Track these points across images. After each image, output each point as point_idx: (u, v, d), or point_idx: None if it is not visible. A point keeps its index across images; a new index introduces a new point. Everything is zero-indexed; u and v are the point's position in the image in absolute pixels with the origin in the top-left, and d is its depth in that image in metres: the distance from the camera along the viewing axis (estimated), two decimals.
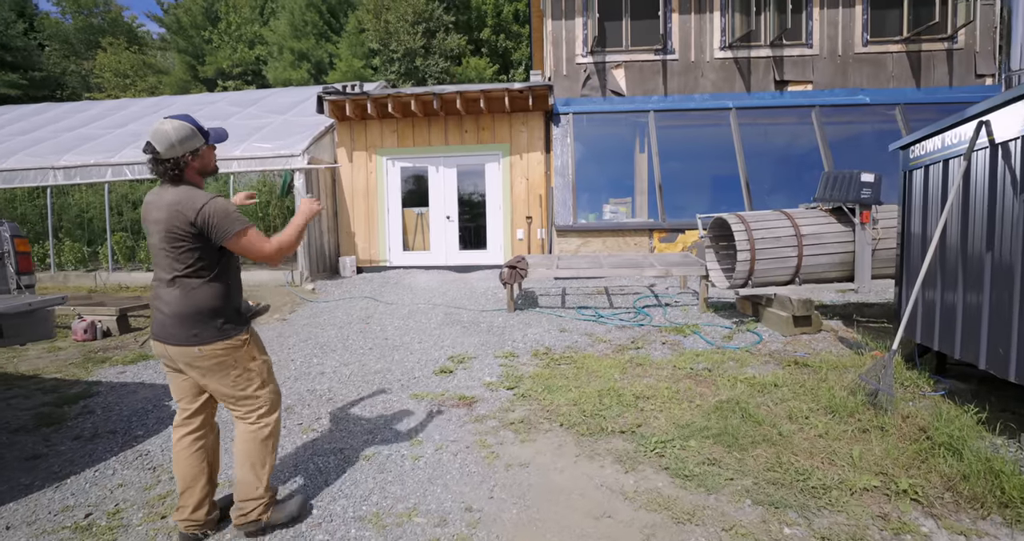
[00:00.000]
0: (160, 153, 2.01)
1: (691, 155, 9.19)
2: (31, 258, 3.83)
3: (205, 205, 1.98)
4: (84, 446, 3.16)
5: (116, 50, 26.97)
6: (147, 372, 4.62)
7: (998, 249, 3.05)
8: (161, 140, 2.00)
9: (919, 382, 3.67)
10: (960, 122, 3.37)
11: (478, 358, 4.59)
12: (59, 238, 9.78)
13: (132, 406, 3.79)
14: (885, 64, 9.02)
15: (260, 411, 2.20)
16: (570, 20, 9.16)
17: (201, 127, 2.11)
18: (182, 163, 2.03)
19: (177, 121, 2.04)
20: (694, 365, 4.28)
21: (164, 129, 2.00)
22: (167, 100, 13.74)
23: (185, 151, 2.04)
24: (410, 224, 9.75)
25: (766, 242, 5.37)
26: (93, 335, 5.79)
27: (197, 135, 2.07)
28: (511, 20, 24.73)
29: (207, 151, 2.15)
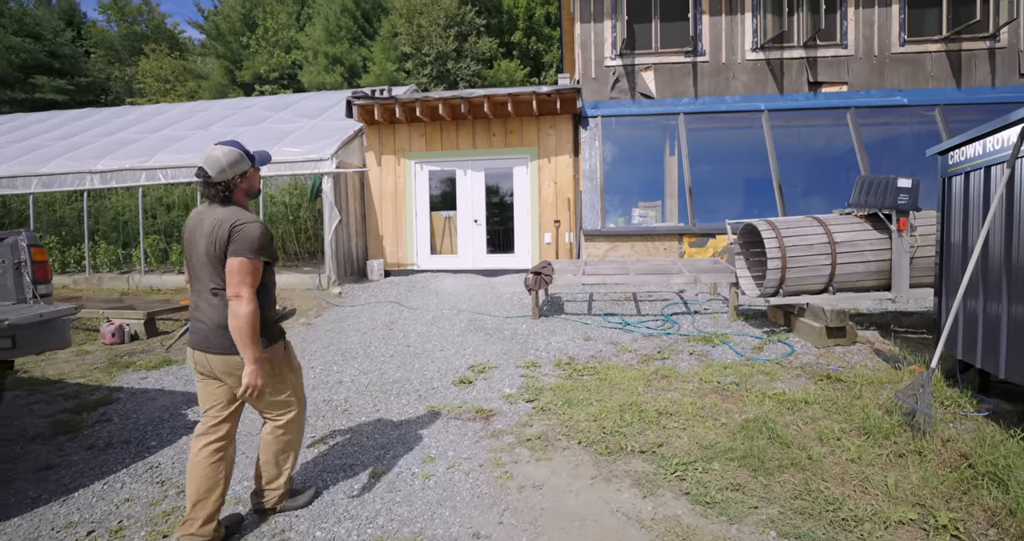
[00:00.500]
0: (212, 177, 2.16)
1: (722, 158, 8.98)
2: (48, 266, 3.88)
3: (246, 223, 2.13)
4: (97, 456, 3.19)
5: (158, 56, 28.03)
6: (168, 378, 4.70)
7: None
8: (213, 165, 2.15)
9: (960, 401, 3.49)
10: (1003, 127, 3.20)
11: (499, 368, 4.57)
12: (95, 240, 10.11)
13: (149, 414, 3.85)
14: (924, 64, 8.64)
15: (289, 415, 2.39)
16: (599, 23, 9.07)
17: (247, 151, 2.26)
18: (232, 185, 2.20)
19: (227, 147, 2.19)
20: (721, 378, 4.16)
21: (215, 155, 2.16)
22: (203, 104, 14.16)
23: (234, 174, 2.19)
24: (438, 228, 9.82)
25: (798, 250, 5.20)
26: (121, 338, 5.94)
27: (244, 159, 2.23)
28: (542, 23, 24.66)
29: (253, 173, 2.31)
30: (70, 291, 9.28)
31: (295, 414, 2.42)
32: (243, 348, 2.06)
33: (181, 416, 3.81)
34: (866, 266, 5.30)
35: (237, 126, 11.03)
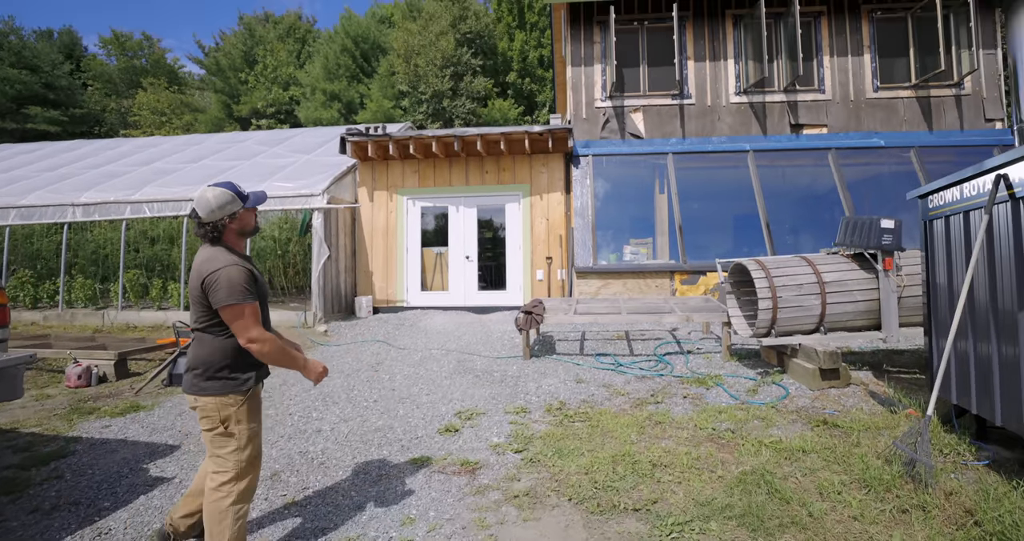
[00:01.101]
0: (201, 218, 2.24)
1: (710, 196, 9.10)
2: (7, 310, 3.67)
3: (216, 271, 2.16)
4: (39, 521, 2.89)
5: (156, 90, 28.33)
6: (133, 427, 4.38)
7: None
8: (203, 206, 2.23)
9: (959, 448, 3.41)
10: (978, 174, 3.25)
11: (487, 414, 4.44)
12: (72, 274, 9.78)
13: (107, 469, 3.55)
14: (897, 109, 8.94)
15: (224, 477, 2.24)
16: (589, 67, 9.32)
17: (240, 192, 2.32)
18: (220, 226, 2.25)
19: (219, 188, 2.26)
20: (716, 425, 4.05)
21: (206, 196, 2.23)
22: (197, 138, 14.20)
23: (223, 215, 2.25)
24: (429, 264, 9.77)
25: (787, 289, 5.19)
26: (88, 381, 5.56)
27: (236, 200, 2.28)
28: (536, 65, 25.42)
29: (245, 213, 2.34)
30: (38, 328, 8.92)
31: (231, 477, 2.23)
32: (290, 367, 2.34)
33: (142, 471, 3.52)
34: (855, 306, 5.29)
35: (230, 160, 11.06)
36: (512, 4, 26.32)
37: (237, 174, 9.88)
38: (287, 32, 30.39)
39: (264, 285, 2.41)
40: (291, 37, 30.30)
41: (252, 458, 2.31)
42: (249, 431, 2.28)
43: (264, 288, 2.39)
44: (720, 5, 9.20)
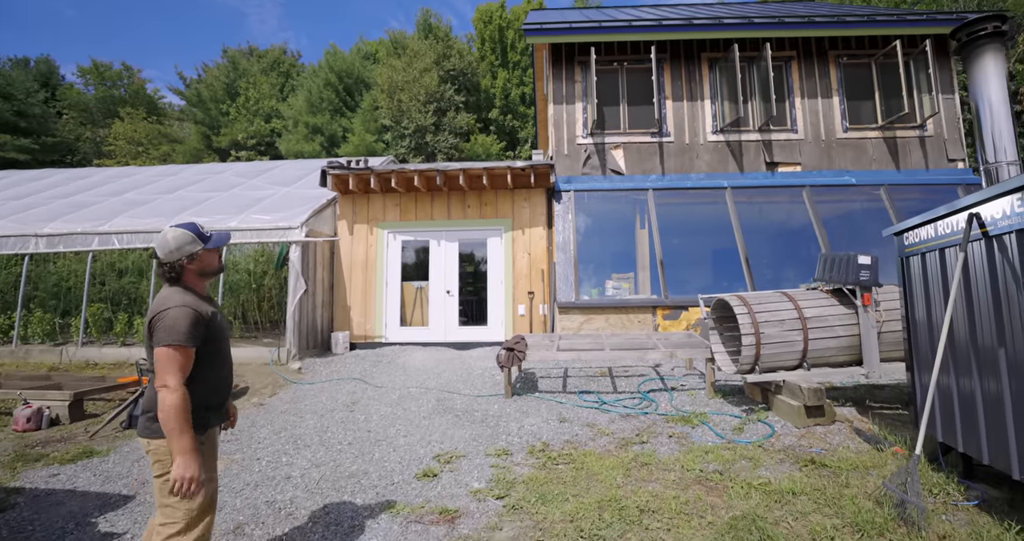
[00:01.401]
0: (160, 258, 2.26)
1: (691, 231, 9.21)
2: None
3: (164, 311, 2.13)
4: None
5: (134, 120, 28.04)
6: (84, 475, 4.05)
7: (1012, 346, 2.88)
8: (161, 247, 2.25)
9: (947, 488, 3.37)
10: (952, 213, 3.31)
11: (467, 457, 4.25)
12: (30, 308, 9.28)
13: (49, 524, 3.26)
14: (866, 148, 9.29)
15: (172, 528, 2.12)
16: (571, 105, 9.52)
17: (202, 233, 2.32)
18: (178, 267, 2.25)
19: (179, 229, 2.27)
20: (704, 466, 3.94)
21: (165, 237, 2.25)
22: (174, 168, 13.96)
23: (181, 256, 2.25)
24: (409, 298, 9.61)
25: (770, 326, 5.18)
26: (38, 424, 5.19)
27: (196, 241, 2.29)
28: (518, 102, 26.06)
29: (206, 254, 2.33)
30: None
31: (178, 530, 2.11)
32: (171, 439, 2.04)
33: (89, 526, 3.23)
34: (837, 341, 5.30)
35: (206, 191, 10.89)
36: (495, 44, 27.17)
37: (213, 206, 9.70)
38: (271, 66, 30.74)
39: (222, 326, 2.35)
40: (275, 71, 30.63)
41: (204, 507, 2.19)
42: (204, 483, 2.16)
43: (221, 329, 2.33)
44: (696, 49, 9.56)
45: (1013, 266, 2.80)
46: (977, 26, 3.70)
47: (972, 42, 3.71)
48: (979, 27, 3.69)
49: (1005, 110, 3.66)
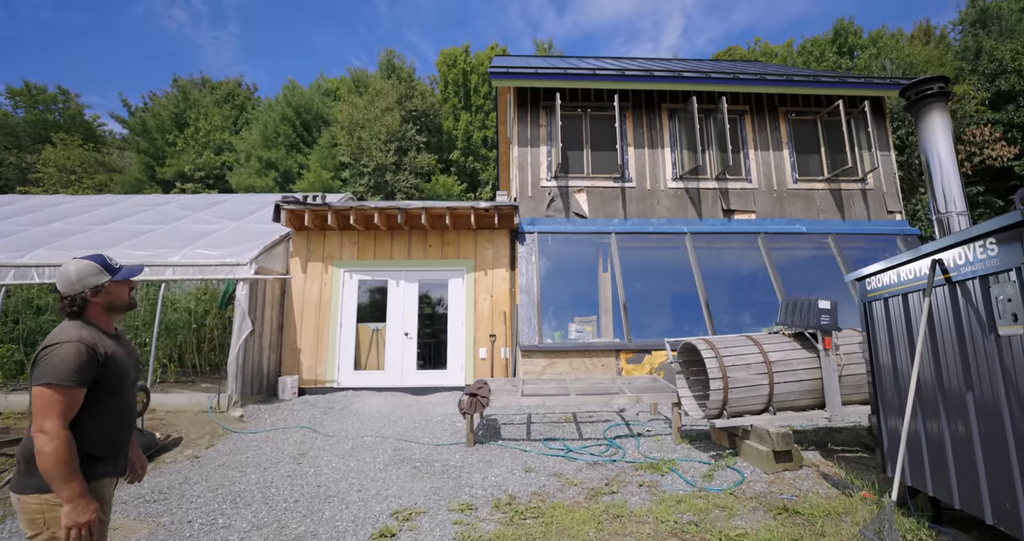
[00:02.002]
0: (60, 290, 2.06)
1: (652, 275, 9.32)
2: None
3: (52, 346, 1.93)
4: None
5: (67, 146, 26.35)
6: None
7: (979, 389, 2.91)
8: (61, 279, 2.06)
9: (920, 533, 3.35)
10: (915, 259, 3.41)
11: (428, 513, 3.91)
12: None
13: None
14: (814, 199, 9.81)
15: None
16: (535, 148, 9.67)
17: (109, 264, 2.16)
18: (79, 300, 2.06)
19: (83, 261, 2.10)
20: (678, 517, 3.77)
21: (67, 268, 2.07)
22: (110, 198, 13.09)
23: (84, 288, 2.07)
24: (364, 340, 9.18)
25: (737, 369, 5.16)
26: None
27: (102, 272, 2.11)
28: (480, 144, 26.50)
29: (115, 287, 2.16)
30: None
31: None
32: (57, 489, 1.83)
33: None
34: (800, 385, 5.33)
35: (146, 224, 10.24)
36: (459, 87, 27.82)
37: (152, 239, 9.09)
38: (225, 98, 30.18)
39: (123, 367, 2.09)
40: (229, 103, 30.06)
41: None
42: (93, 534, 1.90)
43: (121, 370, 2.08)
44: (656, 99, 9.99)
45: (977, 311, 2.86)
46: (924, 86, 3.98)
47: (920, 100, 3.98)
48: (926, 87, 3.97)
49: (952, 164, 3.90)
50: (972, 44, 22.65)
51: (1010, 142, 17.27)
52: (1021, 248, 2.50)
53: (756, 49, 29.56)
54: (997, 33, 21.93)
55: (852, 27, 27.10)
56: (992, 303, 2.73)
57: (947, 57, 23.02)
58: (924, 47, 24.64)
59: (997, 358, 2.73)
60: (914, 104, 3.99)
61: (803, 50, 28.03)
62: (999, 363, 2.73)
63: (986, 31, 22.65)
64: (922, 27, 27.58)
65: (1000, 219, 2.55)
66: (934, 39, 26.62)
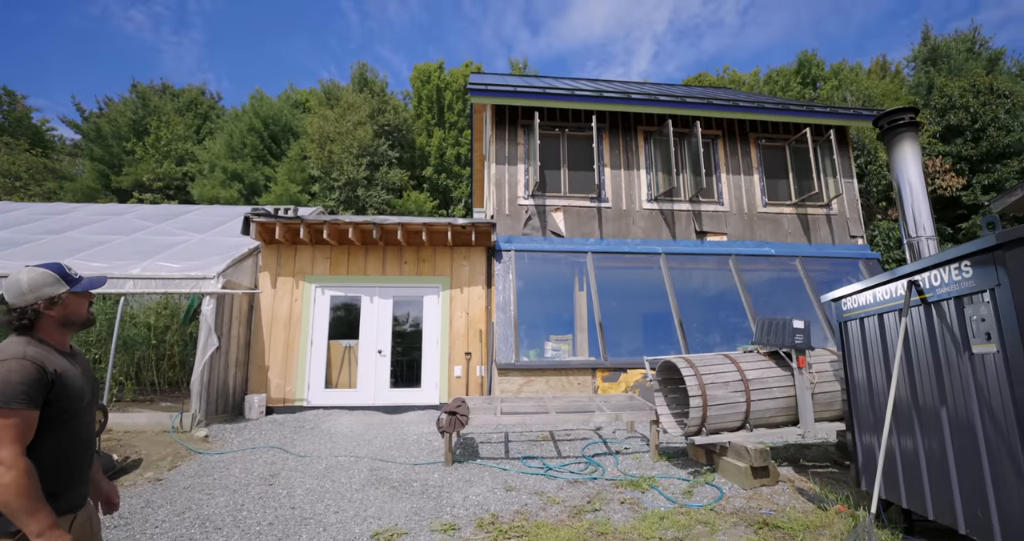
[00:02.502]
0: (8, 302, 1.86)
1: (627, 295, 9.45)
2: None
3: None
4: None
5: (13, 151, 25.06)
6: None
7: (952, 404, 3.04)
8: (11, 288, 1.86)
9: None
10: (891, 280, 3.56)
11: (410, 534, 3.79)
12: None
13: None
14: (782, 222, 10.20)
15: None
16: (513, 166, 9.75)
17: (68, 274, 1.96)
18: (30, 312, 1.86)
19: (38, 269, 1.91)
20: (662, 534, 3.77)
21: (18, 277, 1.88)
22: (63, 206, 12.41)
23: (38, 299, 1.87)
24: (336, 358, 8.94)
25: (716, 387, 5.24)
26: None
27: (59, 282, 1.92)
28: (453, 162, 26.53)
29: (71, 299, 1.96)
30: None
31: None
32: (23, 524, 1.62)
33: None
34: (775, 402, 5.45)
35: (103, 234, 9.78)
36: (432, 103, 27.91)
37: (110, 250, 8.68)
38: (187, 106, 29.43)
39: (75, 387, 1.88)
40: (192, 111, 29.33)
41: None
42: None
43: (74, 390, 1.86)
44: (633, 121, 10.26)
45: (952, 330, 3.00)
46: (896, 116, 4.23)
47: (892, 129, 4.21)
48: (898, 117, 4.21)
49: (922, 190, 4.13)
50: (924, 80, 24.28)
51: (959, 173, 18.40)
52: (995, 271, 2.65)
53: (725, 77, 30.84)
54: (946, 71, 23.53)
55: (815, 59, 28.70)
56: (966, 323, 2.87)
57: (902, 91, 24.59)
58: (881, 81, 26.27)
59: (971, 375, 2.86)
60: (886, 133, 4.23)
61: (769, 79, 29.45)
62: (972, 380, 2.86)
63: (936, 68, 24.29)
64: (879, 62, 29.38)
65: (976, 243, 2.70)
66: (890, 74, 28.41)
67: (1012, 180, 17.51)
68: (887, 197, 19.18)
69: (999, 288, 2.64)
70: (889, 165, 5.68)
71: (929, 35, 25.80)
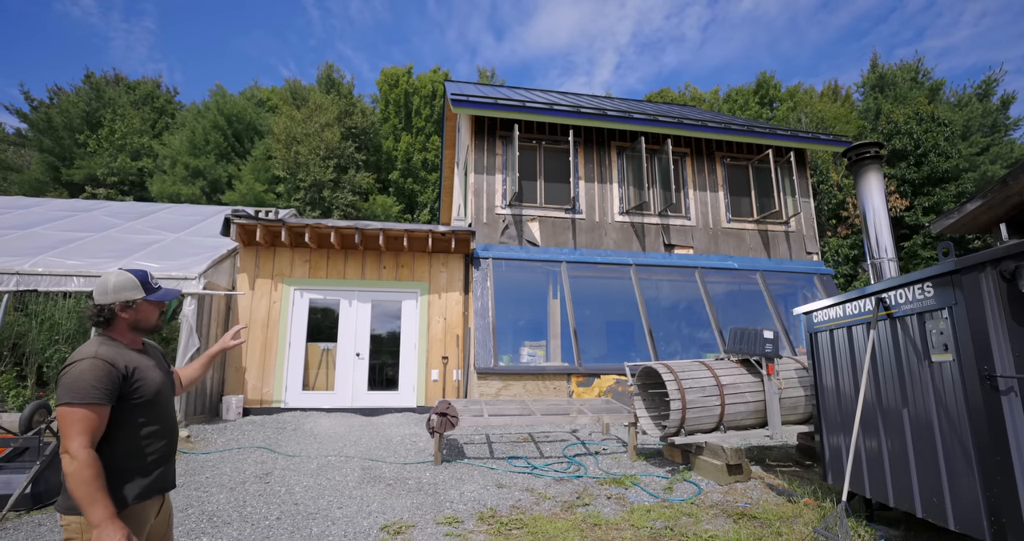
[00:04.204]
0: (94, 299, 2.05)
1: (599, 303, 9.85)
2: None
3: (71, 364, 1.90)
4: None
5: None
6: None
7: (913, 406, 3.48)
8: (100, 286, 2.05)
9: (858, 529, 3.85)
10: (860, 296, 4.02)
11: (418, 526, 3.97)
12: None
13: None
14: (744, 238, 10.88)
15: None
16: (491, 176, 10.02)
17: (149, 283, 2.13)
18: (107, 311, 2.03)
19: (126, 273, 2.09)
20: (652, 523, 4.09)
21: (108, 278, 2.07)
22: (22, 201, 11.90)
23: (117, 300, 2.04)
24: (313, 360, 8.91)
25: (694, 391, 5.64)
26: None
27: (138, 288, 2.08)
28: (419, 167, 26.51)
29: (145, 306, 2.11)
30: None
31: None
32: (84, 511, 1.77)
33: None
34: (747, 406, 5.89)
35: (72, 231, 9.45)
36: (400, 108, 27.86)
37: (84, 248, 8.40)
38: (143, 99, 28.35)
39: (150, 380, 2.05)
40: (148, 105, 28.25)
41: None
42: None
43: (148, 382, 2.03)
44: (607, 136, 10.73)
45: (914, 341, 3.45)
46: (864, 149, 4.75)
47: (860, 161, 4.73)
48: (865, 150, 4.73)
49: (884, 216, 4.64)
50: (872, 105, 26.03)
51: (902, 195, 19.75)
52: (953, 292, 3.11)
53: (686, 93, 32.19)
54: (892, 97, 25.26)
55: (772, 81, 30.37)
56: (927, 335, 3.32)
57: (852, 115, 26.27)
58: (833, 104, 28.02)
59: (930, 381, 3.31)
60: (855, 164, 4.75)
61: (728, 97, 30.93)
62: (931, 385, 3.31)
63: (884, 95, 26.05)
64: (831, 86, 31.38)
65: (937, 267, 3.15)
66: (840, 98, 30.33)
67: (949, 203, 18.97)
68: (837, 216, 20.45)
69: (956, 306, 3.10)
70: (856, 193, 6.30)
71: (877, 63, 27.70)
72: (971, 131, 23.79)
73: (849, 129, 24.10)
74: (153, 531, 2.08)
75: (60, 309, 8.38)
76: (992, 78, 25.75)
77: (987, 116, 25.08)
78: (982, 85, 25.89)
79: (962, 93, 25.99)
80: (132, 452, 1.95)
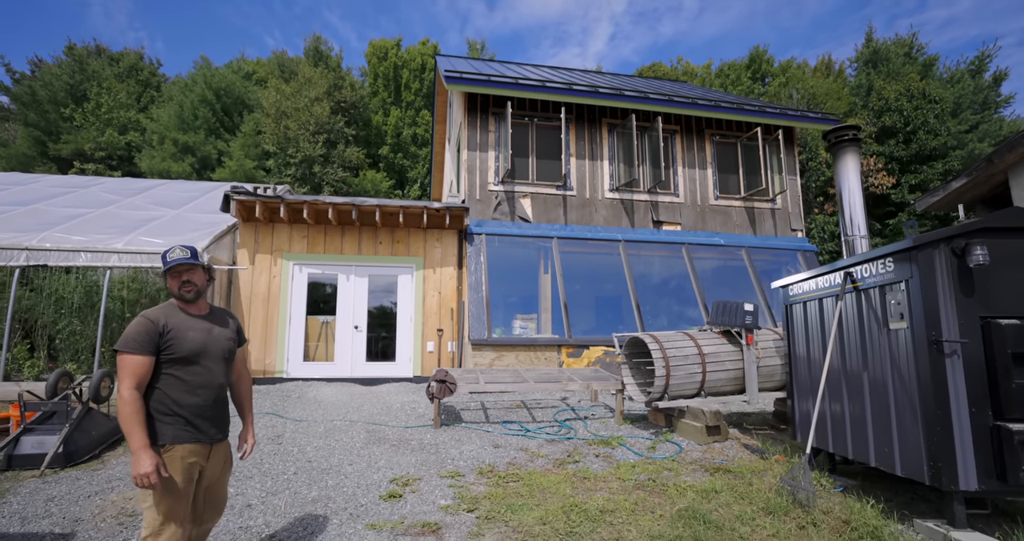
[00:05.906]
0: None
1: (589, 278, 10.18)
2: None
3: (133, 319, 2.34)
4: None
5: None
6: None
7: (872, 369, 3.86)
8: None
9: (821, 480, 4.27)
10: (831, 271, 4.36)
11: (423, 479, 4.35)
12: None
13: None
14: (731, 215, 11.19)
15: (145, 531, 2.22)
16: (484, 153, 10.21)
17: (164, 258, 2.45)
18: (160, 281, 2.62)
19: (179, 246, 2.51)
20: (636, 477, 4.49)
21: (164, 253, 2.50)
22: (20, 177, 12.05)
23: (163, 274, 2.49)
24: (313, 333, 9.23)
25: (677, 360, 6.02)
26: None
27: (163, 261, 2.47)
28: (409, 142, 26.37)
29: (167, 277, 2.46)
30: None
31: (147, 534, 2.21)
32: (128, 441, 2.16)
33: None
34: (727, 374, 6.30)
35: (74, 207, 9.59)
36: (389, 81, 27.53)
37: (87, 224, 8.57)
38: (128, 72, 27.81)
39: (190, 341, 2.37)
40: (132, 78, 27.74)
41: (165, 518, 2.22)
42: (163, 489, 2.20)
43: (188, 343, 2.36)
44: (598, 114, 10.89)
45: (875, 311, 3.81)
46: (842, 132, 5.02)
47: (839, 143, 5.01)
48: (843, 132, 5.01)
49: (859, 196, 4.95)
50: (864, 82, 26.00)
51: (890, 172, 19.80)
52: (910, 266, 3.45)
53: (679, 68, 32.01)
54: (885, 73, 25.15)
55: (765, 56, 30.23)
56: (887, 306, 3.68)
57: (844, 91, 26.21)
58: (825, 79, 27.94)
59: (887, 346, 3.67)
60: (834, 145, 5.03)
61: (721, 72, 30.83)
62: (888, 349, 3.67)
63: (876, 71, 25.96)
64: (824, 61, 31.20)
65: (897, 244, 3.48)
66: (833, 73, 30.21)
67: (936, 181, 19.11)
68: (824, 193, 20.64)
69: (911, 279, 3.44)
70: (833, 172, 6.60)
71: (872, 37, 27.62)
72: (961, 108, 23.89)
73: (840, 106, 24.08)
74: (209, 473, 2.43)
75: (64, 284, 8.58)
76: (986, 53, 25.75)
77: (978, 93, 25.17)
78: (975, 61, 25.89)
79: (955, 69, 26.04)
80: (164, 400, 2.30)
